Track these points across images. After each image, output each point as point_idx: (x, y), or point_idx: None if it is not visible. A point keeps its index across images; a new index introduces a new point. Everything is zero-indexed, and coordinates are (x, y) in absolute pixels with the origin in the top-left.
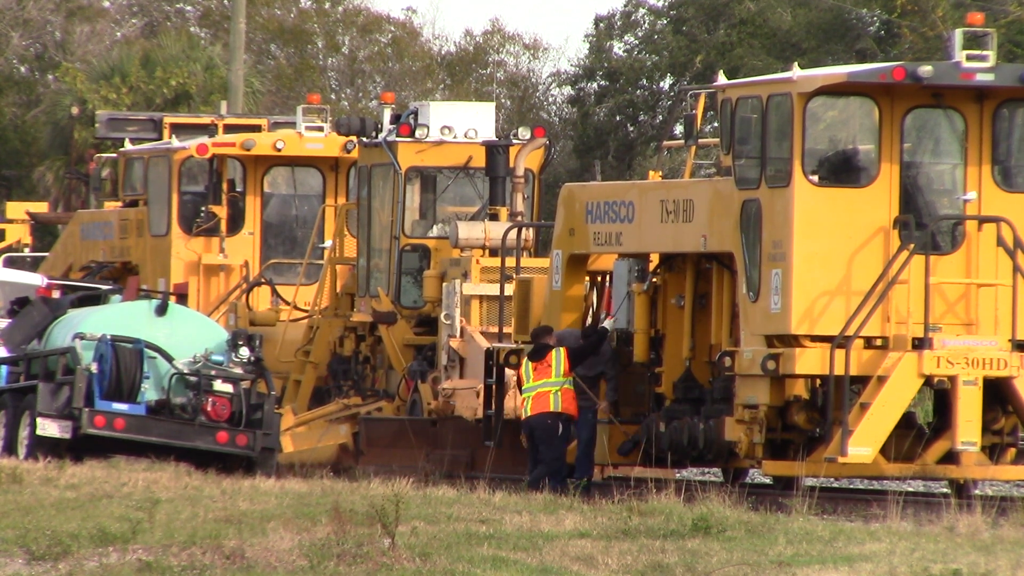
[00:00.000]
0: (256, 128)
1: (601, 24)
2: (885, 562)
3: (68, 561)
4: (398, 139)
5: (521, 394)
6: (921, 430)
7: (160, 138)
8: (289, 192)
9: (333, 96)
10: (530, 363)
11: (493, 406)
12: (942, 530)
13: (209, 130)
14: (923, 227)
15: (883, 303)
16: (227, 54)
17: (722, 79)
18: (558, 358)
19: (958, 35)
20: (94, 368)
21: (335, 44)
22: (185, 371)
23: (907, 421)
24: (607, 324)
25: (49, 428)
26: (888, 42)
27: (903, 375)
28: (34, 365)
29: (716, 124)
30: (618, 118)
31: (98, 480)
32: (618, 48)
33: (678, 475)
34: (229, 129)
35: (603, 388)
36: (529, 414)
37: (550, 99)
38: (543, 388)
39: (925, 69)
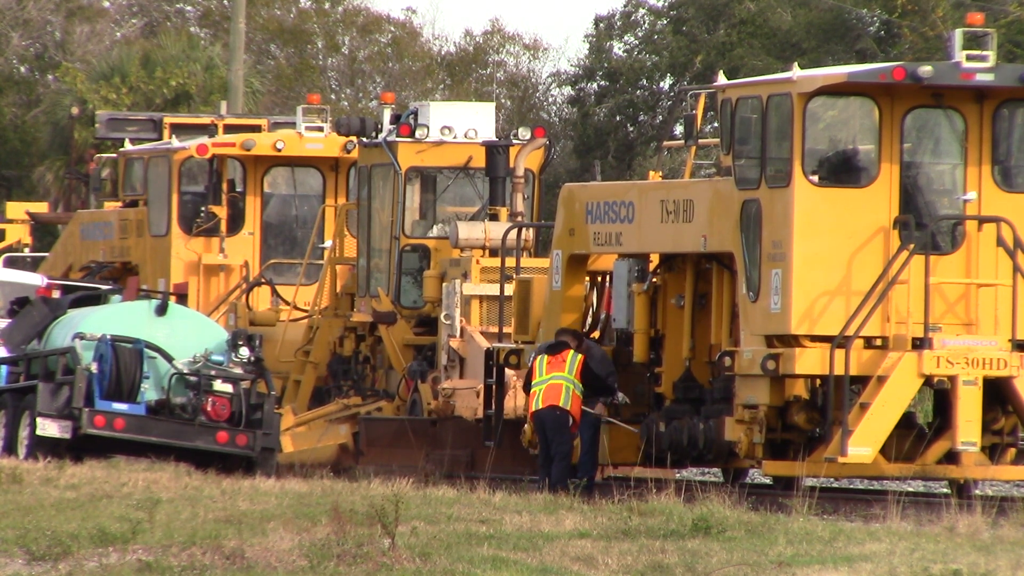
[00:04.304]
0: (256, 128)
1: (601, 24)
2: (885, 562)
3: (68, 561)
4: (398, 139)
5: (531, 388)
6: (921, 430)
7: (160, 138)
8: (289, 192)
9: (333, 96)
10: (546, 356)
11: (493, 406)
12: (942, 530)
13: (209, 130)
14: (923, 227)
15: (883, 303)
16: (227, 54)
17: (722, 79)
18: (573, 359)
19: (958, 35)
20: (94, 368)
21: (335, 44)
22: (185, 371)
23: (907, 421)
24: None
25: (49, 428)
26: (888, 42)
27: (903, 375)
28: (34, 365)
29: (716, 124)
30: (618, 118)
31: (98, 480)
32: (618, 48)
33: (678, 475)
34: (229, 129)
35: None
36: (540, 406)
37: (550, 99)
38: (554, 380)
39: (925, 69)
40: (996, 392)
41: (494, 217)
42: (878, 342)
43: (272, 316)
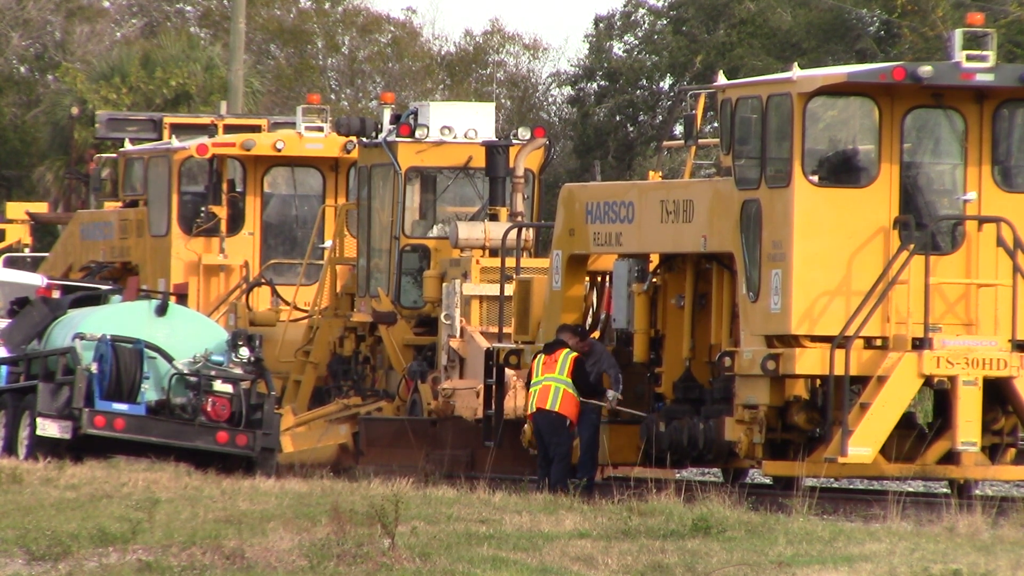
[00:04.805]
0: (256, 128)
1: (601, 24)
2: (885, 562)
3: (68, 561)
4: (398, 139)
5: (529, 388)
6: (921, 430)
7: (160, 138)
8: (289, 192)
9: (333, 96)
10: (543, 356)
11: (493, 406)
12: (942, 530)
13: (209, 130)
14: (923, 227)
15: (883, 303)
16: (227, 54)
17: (722, 79)
18: (565, 359)
19: (958, 35)
20: (94, 368)
21: (335, 44)
22: (185, 371)
23: (907, 421)
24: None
25: (49, 428)
26: (888, 42)
27: (903, 375)
28: (34, 365)
29: (716, 124)
30: (618, 118)
31: (98, 480)
32: (618, 48)
33: (678, 475)
34: (229, 129)
35: (607, 383)
36: (534, 409)
37: (550, 99)
38: (547, 382)
39: (925, 69)
40: (996, 392)
41: (494, 217)
42: (878, 342)
43: (272, 316)
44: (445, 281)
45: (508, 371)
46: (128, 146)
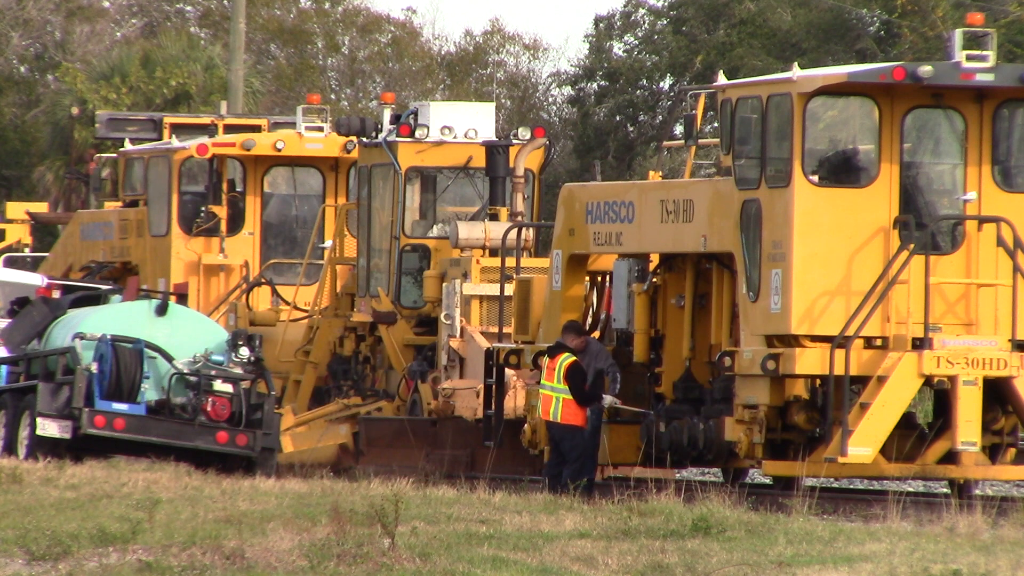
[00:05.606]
0: (256, 128)
1: (601, 24)
2: (885, 562)
3: (68, 561)
4: (398, 139)
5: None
6: (921, 430)
7: (160, 138)
8: (289, 192)
9: (333, 96)
10: (547, 359)
11: (493, 406)
12: (942, 530)
13: (209, 130)
14: (923, 227)
15: (883, 303)
16: (227, 54)
17: (722, 79)
18: (560, 366)
19: (958, 35)
20: (94, 368)
21: (335, 44)
22: (185, 371)
23: (907, 421)
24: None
25: (49, 428)
26: (888, 42)
27: (903, 375)
28: (34, 365)
29: (716, 124)
30: (618, 118)
31: (98, 480)
32: (618, 48)
33: (678, 475)
34: (229, 129)
35: (607, 384)
36: (542, 416)
37: (550, 99)
38: (548, 392)
39: (925, 69)
40: (996, 392)
41: (494, 217)
42: (878, 342)
43: (272, 316)
44: (445, 281)
45: (508, 371)
46: (128, 146)
